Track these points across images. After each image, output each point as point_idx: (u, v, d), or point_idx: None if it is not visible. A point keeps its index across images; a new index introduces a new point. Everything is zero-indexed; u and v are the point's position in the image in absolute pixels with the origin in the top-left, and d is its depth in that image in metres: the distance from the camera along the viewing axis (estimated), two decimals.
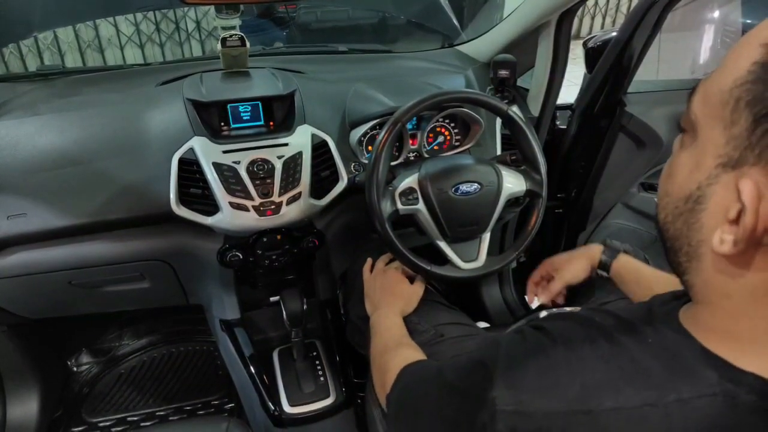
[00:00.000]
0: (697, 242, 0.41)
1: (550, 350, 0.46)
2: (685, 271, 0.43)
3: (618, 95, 1.34)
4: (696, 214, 0.40)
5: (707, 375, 0.38)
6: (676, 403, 0.38)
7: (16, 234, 0.95)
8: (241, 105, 1.05)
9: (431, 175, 0.94)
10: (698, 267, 0.41)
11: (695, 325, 0.42)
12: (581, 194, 1.49)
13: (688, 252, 0.42)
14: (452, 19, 2.22)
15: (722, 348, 0.39)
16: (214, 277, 1.18)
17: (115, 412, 1.43)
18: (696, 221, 0.40)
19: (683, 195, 0.41)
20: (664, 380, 0.39)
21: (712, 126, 0.39)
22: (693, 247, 0.41)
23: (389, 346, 0.82)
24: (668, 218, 0.44)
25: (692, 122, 0.41)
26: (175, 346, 1.61)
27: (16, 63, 3.93)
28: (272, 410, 1.12)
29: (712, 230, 0.39)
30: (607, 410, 0.39)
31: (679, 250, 0.43)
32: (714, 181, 0.38)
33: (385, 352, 0.80)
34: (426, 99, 0.92)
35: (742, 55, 0.37)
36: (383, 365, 0.77)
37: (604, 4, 6.16)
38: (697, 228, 0.40)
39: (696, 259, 0.41)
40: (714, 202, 0.39)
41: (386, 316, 0.92)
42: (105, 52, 4.37)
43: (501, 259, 0.99)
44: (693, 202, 0.40)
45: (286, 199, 1.00)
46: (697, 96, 0.41)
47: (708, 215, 0.39)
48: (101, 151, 1.00)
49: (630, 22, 1.23)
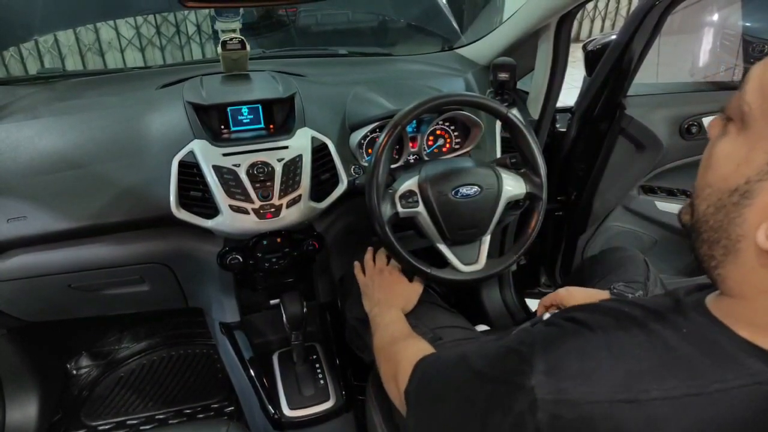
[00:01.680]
0: (737, 236, 0.40)
1: (589, 336, 0.44)
2: (718, 264, 0.42)
3: (618, 98, 1.34)
4: (740, 209, 0.39)
5: (750, 364, 0.38)
6: (720, 393, 0.37)
7: (15, 237, 0.95)
8: (242, 108, 1.05)
9: (431, 177, 0.94)
10: (735, 261, 0.41)
11: (729, 317, 0.41)
12: (581, 197, 1.49)
13: (726, 245, 0.41)
14: (452, 23, 2.23)
15: (762, 340, 0.39)
16: (213, 280, 1.18)
17: (115, 416, 1.42)
18: (739, 215, 0.39)
19: (728, 188, 0.40)
20: (706, 369, 0.39)
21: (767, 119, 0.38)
22: (732, 240, 0.40)
23: (397, 337, 0.81)
24: (709, 210, 0.42)
25: (743, 112, 0.40)
26: (175, 349, 1.61)
27: (17, 66, 3.93)
28: (272, 413, 1.12)
29: (755, 226, 0.38)
30: (652, 400, 0.39)
31: (716, 243, 0.42)
32: (764, 178, 0.37)
33: (394, 342, 0.79)
34: (426, 102, 0.92)
35: None
36: (393, 355, 0.75)
37: (604, 7, 6.18)
38: (738, 222, 0.40)
39: (734, 254, 0.41)
40: (762, 198, 0.38)
41: (388, 311, 0.91)
42: (105, 55, 4.38)
43: (501, 262, 0.99)
44: (739, 195, 0.39)
45: (286, 202, 1.00)
46: (753, 85, 0.40)
47: (753, 211, 0.38)
48: (101, 154, 1.00)
49: (629, 25, 1.23)
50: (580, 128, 1.41)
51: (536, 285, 1.72)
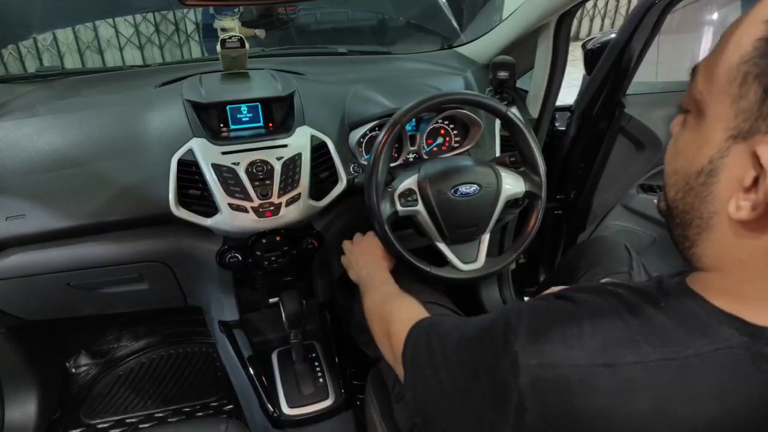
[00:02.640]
0: (709, 214, 0.43)
1: (573, 308, 0.47)
2: (693, 243, 0.45)
3: (617, 97, 1.34)
4: (708, 187, 0.42)
5: (723, 331, 0.40)
6: (695, 357, 0.40)
7: (14, 235, 0.94)
8: (241, 106, 1.05)
9: (430, 176, 0.94)
10: (709, 238, 0.44)
11: (706, 290, 0.44)
12: (580, 196, 1.49)
13: (699, 224, 0.44)
14: (451, 21, 2.22)
15: (736, 308, 0.41)
16: (213, 279, 1.18)
17: (114, 414, 1.42)
18: (708, 194, 0.42)
19: (694, 170, 0.43)
20: (681, 336, 0.41)
21: (719, 101, 0.41)
22: (704, 219, 0.43)
23: (390, 297, 0.82)
24: (678, 195, 0.46)
25: (697, 101, 0.43)
26: (174, 347, 1.61)
27: (15, 64, 3.93)
28: (271, 412, 1.12)
29: (725, 200, 0.41)
30: (628, 363, 0.41)
31: (689, 224, 0.45)
32: (725, 154, 0.40)
33: (387, 302, 0.80)
34: (425, 100, 0.92)
35: (746, 33, 0.39)
36: (387, 315, 0.76)
37: (603, 6, 6.18)
38: (709, 200, 0.42)
39: (707, 231, 0.43)
40: (727, 173, 0.41)
41: (377, 273, 0.92)
42: (104, 53, 4.37)
43: (500, 261, 0.99)
44: (705, 175, 0.42)
45: (285, 201, 1.00)
46: (700, 76, 0.43)
47: (721, 186, 0.41)
48: (100, 153, 1.00)
49: (629, 24, 1.23)
50: (580, 127, 1.41)
51: (535, 284, 1.72)
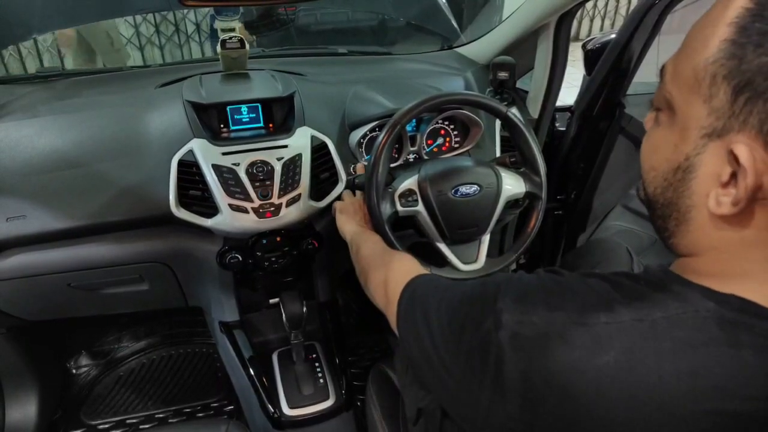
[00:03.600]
0: (686, 207, 0.45)
1: (559, 279, 0.50)
2: (672, 234, 0.48)
3: (617, 97, 1.34)
4: (686, 183, 0.44)
5: (691, 296, 0.43)
6: (662, 319, 0.42)
7: (14, 236, 0.94)
8: (241, 107, 1.05)
9: (431, 176, 0.94)
10: (687, 229, 0.46)
11: (682, 269, 0.47)
12: (581, 196, 1.49)
13: (677, 218, 0.46)
14: (451, 22, 2.22)
15: (705, 281, 0.44)
16: (213, 279, 1.18)
17: (114, 415, 1.42)
18: (686, 189, 0.44)
19: (671, 167, 0.45)
20: (652, 302, 0.44)
21: (690, 102, 0.43)
22: (682, 212, 0.46)
23: (386, 248, 0.85)
24: (657, 190, 0.48)
25: (667, 100, 0.45)
26: (175, 348, 1.61)
27: (16, 65, 3.93)
28: (272, 413, 1.12)
29: (703, 195, 0.43)
30: (601, 323, 0.43)
31: (668, 217, 0.48)
32: (701, 151, 0.42)
33: (387, 252, 0.82)
34: (425, 101, 0.92)
35: (711, 35, 0.41)
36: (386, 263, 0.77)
37: (603, 6, 6.17)
38: (687, 195, 0.45)
39: (684, 223, 0.46)
40: (703, 169, 0.42)
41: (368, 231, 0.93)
42: None
43: (500, 261, 0.99)
44: (682, 172, 0.44)
45: (285, 201, 1.00)
46: (668, 76, 0.45)
47: (698, 182, 0.43)
48: (100, 153, 1.00)
49: (629, 24, 1.23)
50: (580, 127, 1.41)
51: None
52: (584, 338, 0.43)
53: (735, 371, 0.39)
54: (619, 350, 0.42)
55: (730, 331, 0.40)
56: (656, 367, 0.41)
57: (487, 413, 0.47)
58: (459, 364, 0.51)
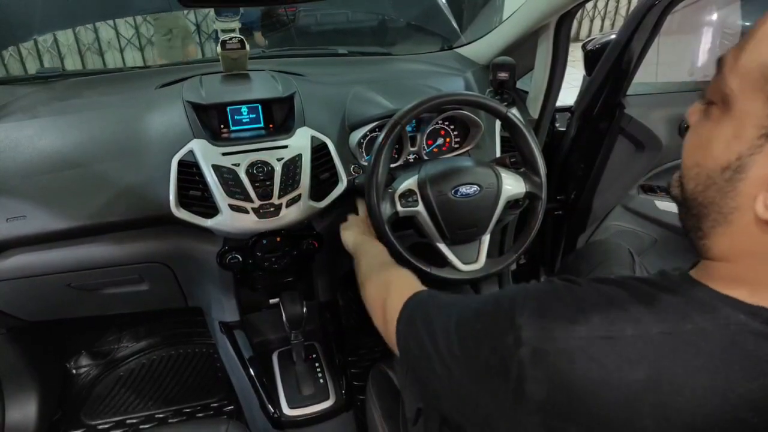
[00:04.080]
0: (729, 209, 0.43)
1: (576, 288, 0.48)
2: (705, 235, 0.45)
3: (617, 97, 1.34)
4: (733, 183, 0.42)
5: (721, 309, 0.41)
6: (693, 332, 0.40)
7: (15, 236, 0.94)
8: (241, 107, 1.05)
9: (431, 177, 0.94)
10: (724, 231, 0.44)
11: (709, 278, 0.45)
12: (581, 196, 1.49)
13: (717, 219, 0.44)
14: (451, 22, 2.22)
15: (737, 291, 0.42)
16: (213, 280, 1.18)
17: (114, 415, 1.42)
18: (732, 189, 0.42)
19: (719, 165, 0.42)
20: (680, 313, 0.42)
21: (752, 99, 0.40)
22: (723, 214, 0.43)
23: (389, 264, 0.83)
24: (698, 188, 0.45)
25: (725, 94, 0.42)
26: (175, 348, 1.61)
27: (16, 66, 3.93)
28: (272, 413, 1.12)
29: (750, 197, 0.41)
30: (628, 336, 0.42)
31: (706, 217, 0.45)
32: (756, 151, 0.40)
33: (385, 268, 0.81)
34: (425, 101, 0.92)
35: None
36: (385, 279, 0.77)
37: (603, 7, 6.18)
38: (731, 196, 0.42)
39: (724, 225, 0.43)
40: (756, 170, 0.40)
41: (370, 240, 0.93)
42: (105, 54, 4.38)
43: (500, 261, 0.99)
44: (732, 171, 0.41)
45: (285, 202, 1.00)
46: (728, 69, 0.42)
47: (747, 184, 0.41)
48: (101, 154, 1.00)
49: (629, 25, 1.23)
50: (580, 128, 1.41)
51: None
52: (611, 354, 0.41)
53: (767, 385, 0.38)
54: (649, 366, 0.40)
55: (761, 345, 0.39)
56: (687, 382, 0.39)
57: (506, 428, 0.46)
58: (475, 381, 0.49)
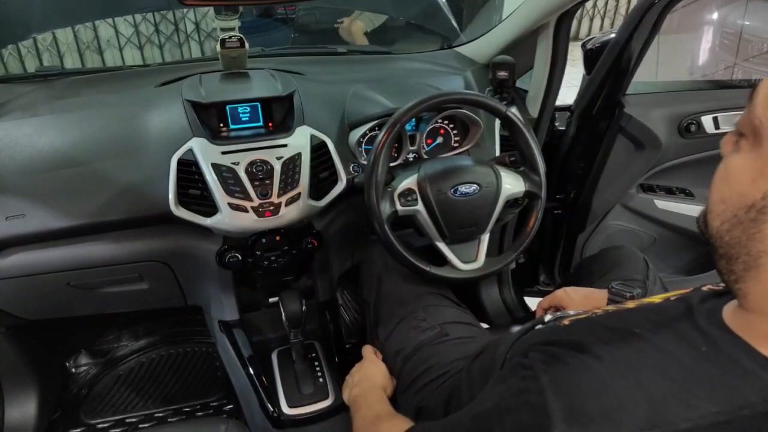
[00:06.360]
0: (758, 252, 0.39)
1: (599, 368, 0.42)
2: (739, 278, 0.41)
3: (617, 96, 1.34)
4: (759, 225, 0.38)
5: None
6: (751, 419, 0.37)
7: (14, 235, 0.94)
8: (240, 106, 1.05)
9: (430, 176, 0.94)
10: (757, 276, 0.40)
11: (748, 333, 0.41)
12: (580, 195, 1.49)
13: (746, 261, 0.40)
14: (451, 21, 2.22)
15: None
16: (212, 278, 1.18)
17: (114, 414, 1.42)
18: (758, 231, 0.39)
19: (744, 204, 0.39)
20: (730, 391, 0.38)
21: None
22: (752, 257, 0.40)
23: (383, 416, 0.82)
24: (724, 226, 0.42)
25: (755, 127, 0.39)
26: (174, 347, 1.61)
27: (15, 64, 3.92)
28: (271, 411, 1.12)
29: None
30: (679, 423, 0.38)
31: (735, 259, 0.41)
32: None
33: (379, 421, 0.80)
34: (425, 100, 0.92)
35: None
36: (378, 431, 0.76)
37: (603, 6, 6.17)
38: (758, 238, 0.39)
39: (755, 269, 0.40)
40: None
41: (371, 392, 0.92)
42: (104, 53, 4.37)
43: (500, 260, 0.99)
44: (756, 211, 0.39)
45: (285, 200, 1.00)
46: (761, 99, 0.39)
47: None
48: (100, 152, 1.00)
49: (629, 24, 1.23)
50: (580, 127, 1.41)
51: (535, 283, 1.72)
52: None
53: None
54: None
55: None
56: None
57: None
58: None
